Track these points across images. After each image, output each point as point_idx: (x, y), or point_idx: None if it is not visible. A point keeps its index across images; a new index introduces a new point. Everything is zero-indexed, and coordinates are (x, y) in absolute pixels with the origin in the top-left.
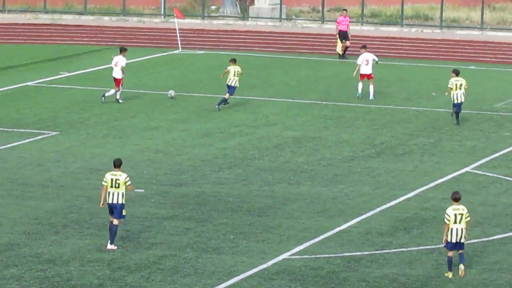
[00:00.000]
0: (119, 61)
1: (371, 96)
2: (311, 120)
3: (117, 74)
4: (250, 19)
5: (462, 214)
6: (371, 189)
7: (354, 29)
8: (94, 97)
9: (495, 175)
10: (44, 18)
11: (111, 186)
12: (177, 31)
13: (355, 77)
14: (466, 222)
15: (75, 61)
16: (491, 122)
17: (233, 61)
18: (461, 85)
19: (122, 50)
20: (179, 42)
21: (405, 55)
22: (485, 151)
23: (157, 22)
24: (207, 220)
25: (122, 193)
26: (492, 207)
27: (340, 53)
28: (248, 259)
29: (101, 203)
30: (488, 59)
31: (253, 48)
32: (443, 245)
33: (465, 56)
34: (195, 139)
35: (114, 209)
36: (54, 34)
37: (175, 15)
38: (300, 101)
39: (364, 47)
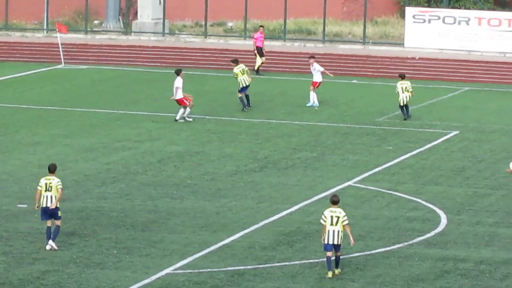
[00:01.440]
0: (175, 82)
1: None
2: (194, 135)
3: (177, 95)
4: (133, 33)
5: (338, 217)
6: (254, 203)
7: (237, 43)
8: None
9: (377, 189)
10: None
11: (45, 190)
12: (60, 46)
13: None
14: (344, 225)
15: None
16: (374, 136)
17: (235, 62)
18: (406, 88)
19: (178, 72)
20: (62, 57)
21: (288, 69)
22: (368, 165)
23: (39, 36)
24: (91, 235)
25: (56, 196)
26: (374, 220)
27: (256, 68)
28: (132, 274)
29: (36, 205)
30: (370, 73)
31: (136, 63)
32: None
33: (348, 70)
34: (78, 154)
35: (50, 212)
36: None
37: (57, 30)
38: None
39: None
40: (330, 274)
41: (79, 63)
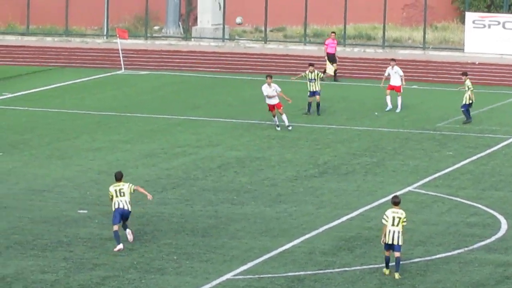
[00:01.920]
0: (274, 88)
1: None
2: (254, 140)
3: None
4: (193, 39)
5: (400, 218)
6: (314, 209)
7: (297, 49)
8: (36, 118)
9: (437, 194)
10: None
11: (117, 196)
12: (120, 51)
13: (298, 97)
14: (403, 225)
15: (18, 82)
16: (434, 141)
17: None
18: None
19: (269, 77)
20: (122, 63)
21: (348, 74)
22: (428, 170)
23: (100, 42)
24: (151, 240)
25: (129, 201)
26: (434, 226)
27: (332, 74)
28: (192, 279)
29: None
30: (431, 79)
31: (196, 69)
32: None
33: (408, 75)
34: (138, 160)
35: (123, 215)
36: None
37: (118, 35)
38: (243, 121)
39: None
40: (387, 271)
41: (139, 68)
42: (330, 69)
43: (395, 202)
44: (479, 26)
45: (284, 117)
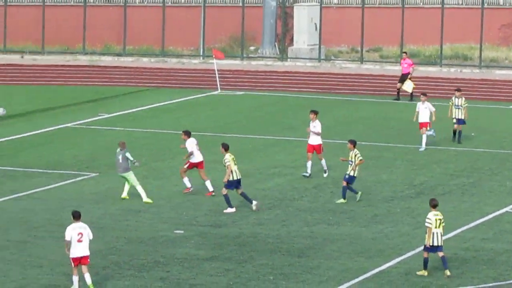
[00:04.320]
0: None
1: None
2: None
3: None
4: (289, 59)
5: (441, 219)
6: (410, 229)
7: (393, 69)
8: (133, 138)
9: None
10: (83, 60)
11: (235, 164)
12: (216, 72)
13: (395, 118)
14: (443, 226)
15: (114, 103)
16: None
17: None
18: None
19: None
20: (218, 83)
21: (444, 95)
22: None
23: (196, 63)
24: (247, 261)
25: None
26: None
27: (409, 91)
28: None
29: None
30: None
31: (291, 89)
32: (424, 249)
33: (505, 95)
34: None
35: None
36: (93, 75)
37: (214, 56)
38: (339, 141)
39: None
40: (426, 273)
41: (235, 89)
42: (408, 86)
43: (434, 204)
44: None
45: (323, 162)
